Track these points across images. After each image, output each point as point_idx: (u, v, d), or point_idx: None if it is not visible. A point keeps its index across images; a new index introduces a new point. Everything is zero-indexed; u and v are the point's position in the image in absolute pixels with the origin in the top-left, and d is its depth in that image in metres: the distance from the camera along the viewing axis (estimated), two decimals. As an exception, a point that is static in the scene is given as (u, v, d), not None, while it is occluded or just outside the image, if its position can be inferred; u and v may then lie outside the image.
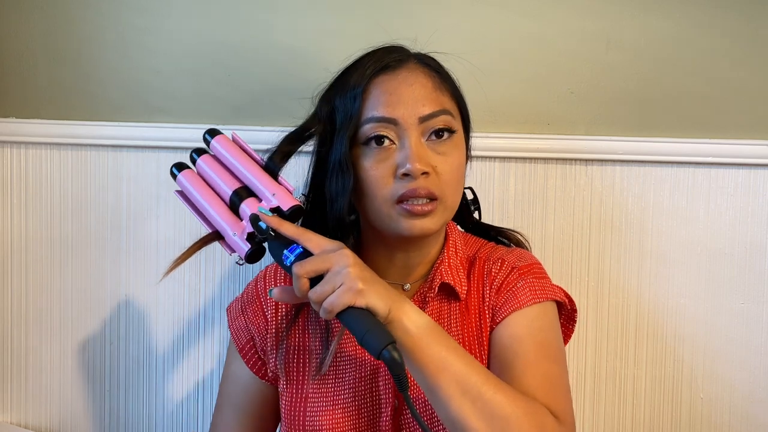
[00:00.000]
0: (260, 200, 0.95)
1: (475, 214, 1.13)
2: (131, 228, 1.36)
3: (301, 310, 1.03)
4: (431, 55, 1.03)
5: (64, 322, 1.39)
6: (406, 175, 0.93)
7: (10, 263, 1.40)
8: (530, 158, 1.27)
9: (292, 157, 1.01)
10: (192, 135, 1.32)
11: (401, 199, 0.93)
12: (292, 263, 0.88)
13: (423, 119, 0.95)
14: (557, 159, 1.27)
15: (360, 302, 0.84)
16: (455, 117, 0.98)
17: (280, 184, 0.96)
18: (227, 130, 1.29)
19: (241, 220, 0.94)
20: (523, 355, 0.95)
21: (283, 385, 1.03)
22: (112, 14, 1.34)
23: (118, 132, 1.34)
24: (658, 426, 1.29)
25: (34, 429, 1.41)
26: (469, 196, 1.11)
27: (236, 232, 0.93)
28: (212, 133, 1.03)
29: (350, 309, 0.84)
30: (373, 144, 0.95)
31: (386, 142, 0.95)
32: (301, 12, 1.30)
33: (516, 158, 1.28)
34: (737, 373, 1.27)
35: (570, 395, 0.97)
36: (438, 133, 0.95)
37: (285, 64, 1.30)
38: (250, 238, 0.92)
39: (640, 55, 1.25)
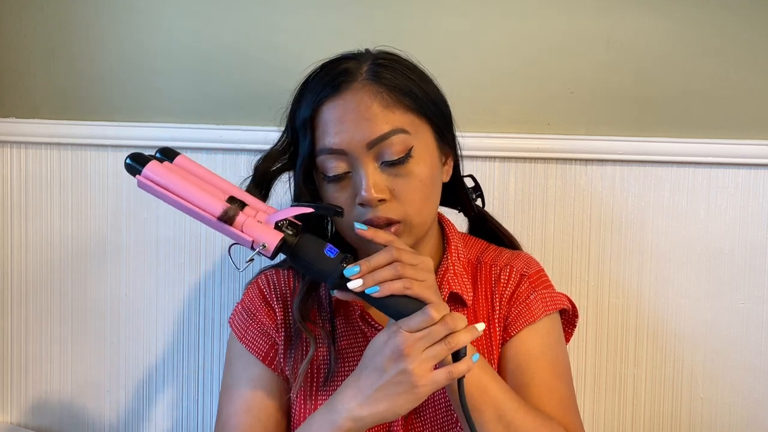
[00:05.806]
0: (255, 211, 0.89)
1: (478, 202, 1.09)
2: (131, 228, 1.36)
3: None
4: (396, 52, 0.98)
5: (64, 322, 1.39)
6: (363, 204, 0.91)
7: (10, 263, 1.40)
8: (530, 158, 1.27)
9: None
10: (192, 135, 1.32)
11: None
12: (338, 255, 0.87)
13: (372, 144, 0.91)
14: (557, 159, 1.27)
15: (425, 298, 0.86)
16: (413, 131, 0.93)
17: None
18: (226, 131, 1.31)
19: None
20: (539, 376, 0.98)
21: (294, 393, 1.01)
22: (112, 14, 1.34)
23: (118, 132, 1.34)
24: (658, 426, 1.29)
25: (34, 429, 1.41)
26: (470, 183, 1.08)
27: (261, 220, 0.86)
28: (168, 153, 0.91)
29: (405, 298, 0.86)
30: (330, 175, 0.93)
31: (341, 173, 0.93)
32: (300, 12, 1.30)
33: (516, 158, 1.28)
34: (737, 373, 1.27)
35: (578, 412, 1.01)
36: (391, 163, 0.92)
37: (284, 64, 1.30)
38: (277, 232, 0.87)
39: (640, 55, 1.25)
